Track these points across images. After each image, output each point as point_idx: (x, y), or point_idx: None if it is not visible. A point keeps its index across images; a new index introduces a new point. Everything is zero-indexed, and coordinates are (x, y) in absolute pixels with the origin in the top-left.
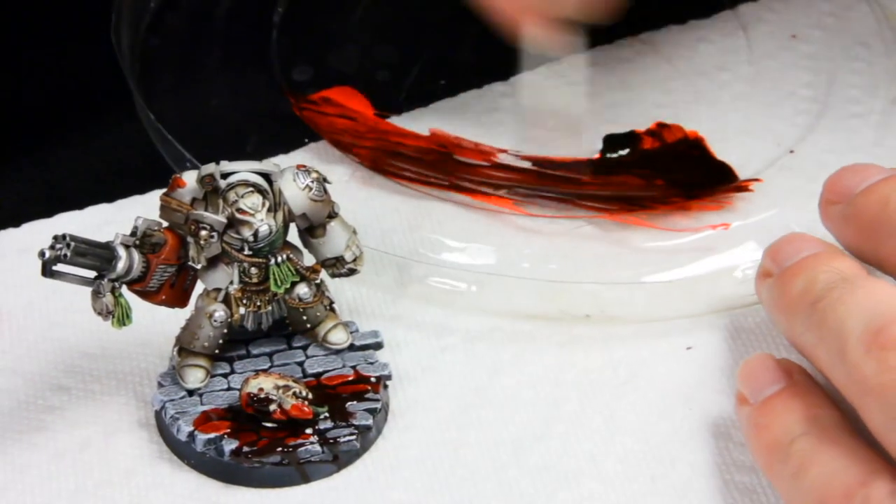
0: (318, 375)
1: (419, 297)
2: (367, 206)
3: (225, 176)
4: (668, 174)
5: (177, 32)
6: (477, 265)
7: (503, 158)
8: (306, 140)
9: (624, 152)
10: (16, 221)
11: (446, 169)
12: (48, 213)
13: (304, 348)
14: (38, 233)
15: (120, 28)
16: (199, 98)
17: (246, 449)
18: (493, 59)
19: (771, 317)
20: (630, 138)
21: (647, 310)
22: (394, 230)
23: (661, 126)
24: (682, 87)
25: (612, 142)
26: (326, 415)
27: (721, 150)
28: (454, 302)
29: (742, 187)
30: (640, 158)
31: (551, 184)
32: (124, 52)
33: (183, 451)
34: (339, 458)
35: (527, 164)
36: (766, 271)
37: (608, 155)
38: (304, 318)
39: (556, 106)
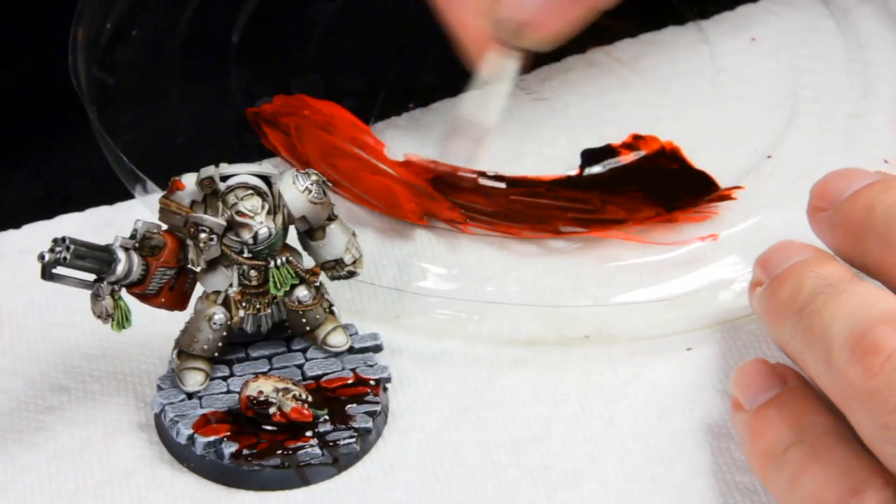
0: (317, 378)
1: (413, 330)
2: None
3: (224, 179)
4: (650, 187)
5: (134, 66)
6: (466, 293)
7: (483, 181)
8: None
9: (602, 168)
10: (16, 222)
11: (424, 194)
12: (48, 214)
13: (304, 351)
14: (39, 234)
15: (77, 65)
16: (163, 131)
17: (246, 452)
18: (459, 75)
19: (763, 325)
20: (607, 152)
21: (645, 328)
22: (379, 262)
23: (637, 138)
24: (652, 99)
25: (590, 156)
26: (326, 417)
27: (698, 159)
28: (448, 333)
29: (725, 196)
30: (620, 172)
31: (533, 208)
32: (83, 88)
33: (183, 454)
34: (338, 461)
35: (504, 186)
36: (757, 281)
37: (587, 170)
38: (304, 320)
39: (476, 116)
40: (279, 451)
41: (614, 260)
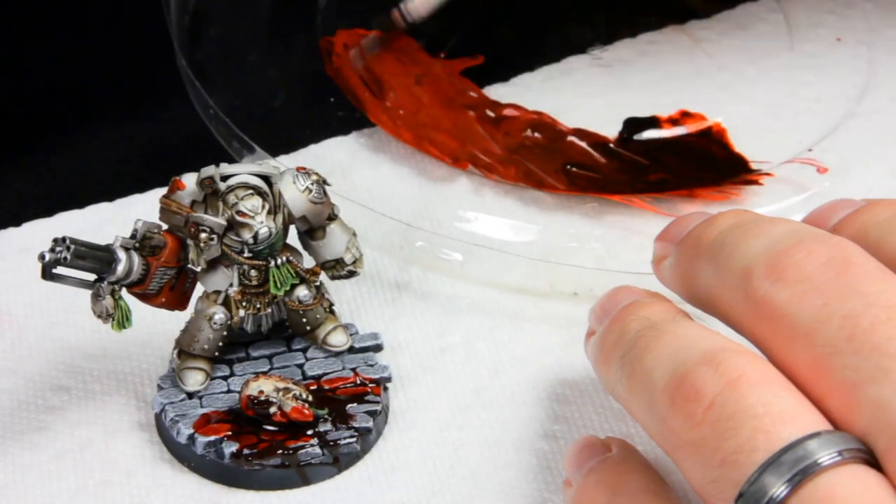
0: (317, 378)
1: (408, 262)
2: (377, 169)
3: (224, 178)
4: (682, 164)
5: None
6: (474, 236)
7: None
8: (332, 98)
9: (643, 138)
10: (16, 221)
11: (470, 130)
12: (48, 212)
13: (304, 351)
14: (39, 232)
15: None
16: (248, 79)
17: (246, 451)
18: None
19: (597, 375)
20: (650, 123)
21: None
22: (398, 196)
23: (685, 115)
24: (718, 77)
25: (632, 125)
26: (327, 417)
27: (742, 143)
28: (446, 271)
29: (751, 180)
30: (659, 145)
31: (558, 162)
32: (174, 23)
33: (183, 454)
34: (339, 461)
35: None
36: (591, 331)
37: (626, 138)
38: (304, 320)
39: None
40: (280, 451)
41: (625, 224)
